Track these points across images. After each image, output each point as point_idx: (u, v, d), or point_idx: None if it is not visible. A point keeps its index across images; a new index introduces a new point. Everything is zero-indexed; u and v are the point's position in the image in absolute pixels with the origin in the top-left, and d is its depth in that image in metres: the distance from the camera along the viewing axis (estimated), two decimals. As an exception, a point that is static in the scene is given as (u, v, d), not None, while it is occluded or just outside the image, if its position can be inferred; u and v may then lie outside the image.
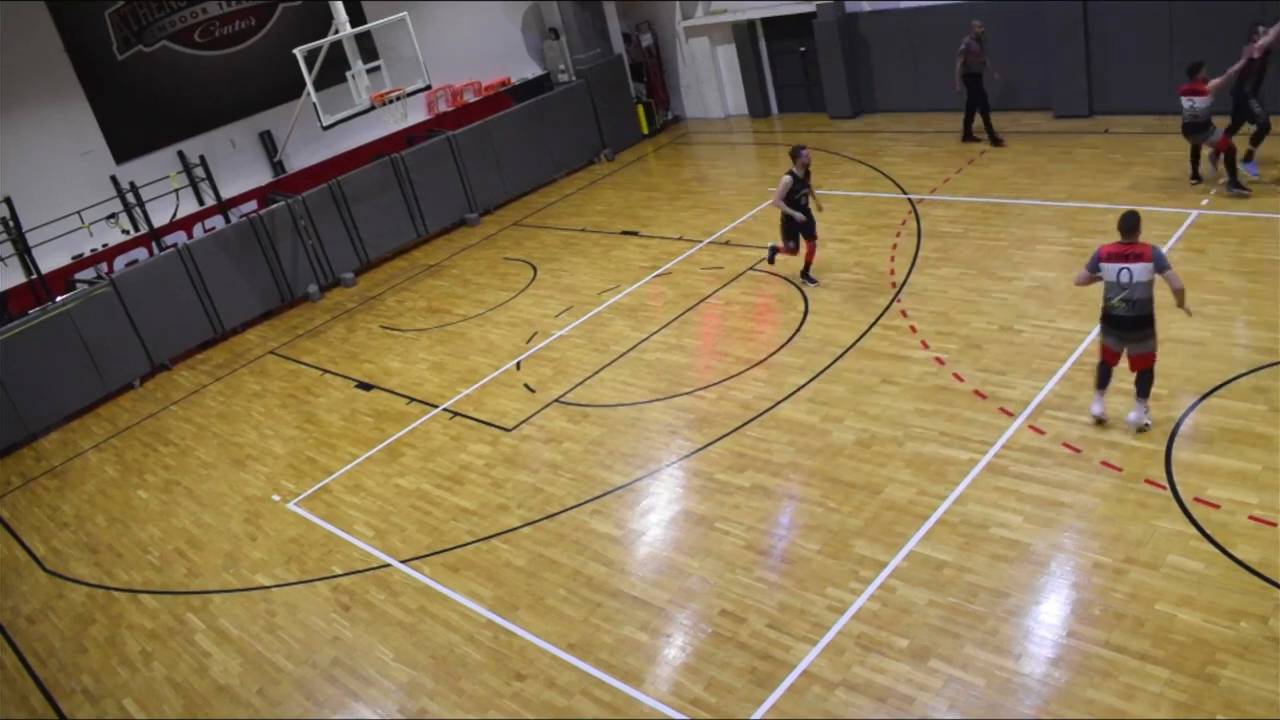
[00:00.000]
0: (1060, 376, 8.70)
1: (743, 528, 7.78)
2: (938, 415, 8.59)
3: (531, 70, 19.69)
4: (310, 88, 13.16)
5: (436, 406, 11.06)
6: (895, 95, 17.60)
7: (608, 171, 18.82)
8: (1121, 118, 14.64)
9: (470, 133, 17.37)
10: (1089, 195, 12.33)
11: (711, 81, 20.23)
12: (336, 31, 13.48)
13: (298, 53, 13.02)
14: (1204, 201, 11.38)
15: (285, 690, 7.30)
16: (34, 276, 13.58)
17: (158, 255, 14.22)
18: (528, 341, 12.12)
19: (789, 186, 11.12)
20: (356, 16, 15.13)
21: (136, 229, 14.59)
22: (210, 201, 15.39)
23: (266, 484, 10.35)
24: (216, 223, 15.35)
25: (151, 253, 14.50)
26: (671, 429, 9.45)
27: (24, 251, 13.39)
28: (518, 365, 11.56)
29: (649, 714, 6.28)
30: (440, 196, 17.03)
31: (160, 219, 14.79)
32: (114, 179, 14.33)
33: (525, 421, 10.24)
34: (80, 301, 13.13)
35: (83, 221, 13.92)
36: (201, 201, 15.36)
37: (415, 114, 17.43)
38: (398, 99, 13.99)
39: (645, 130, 20.28)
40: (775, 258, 11.97)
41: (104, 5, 14.10)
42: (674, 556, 7.68)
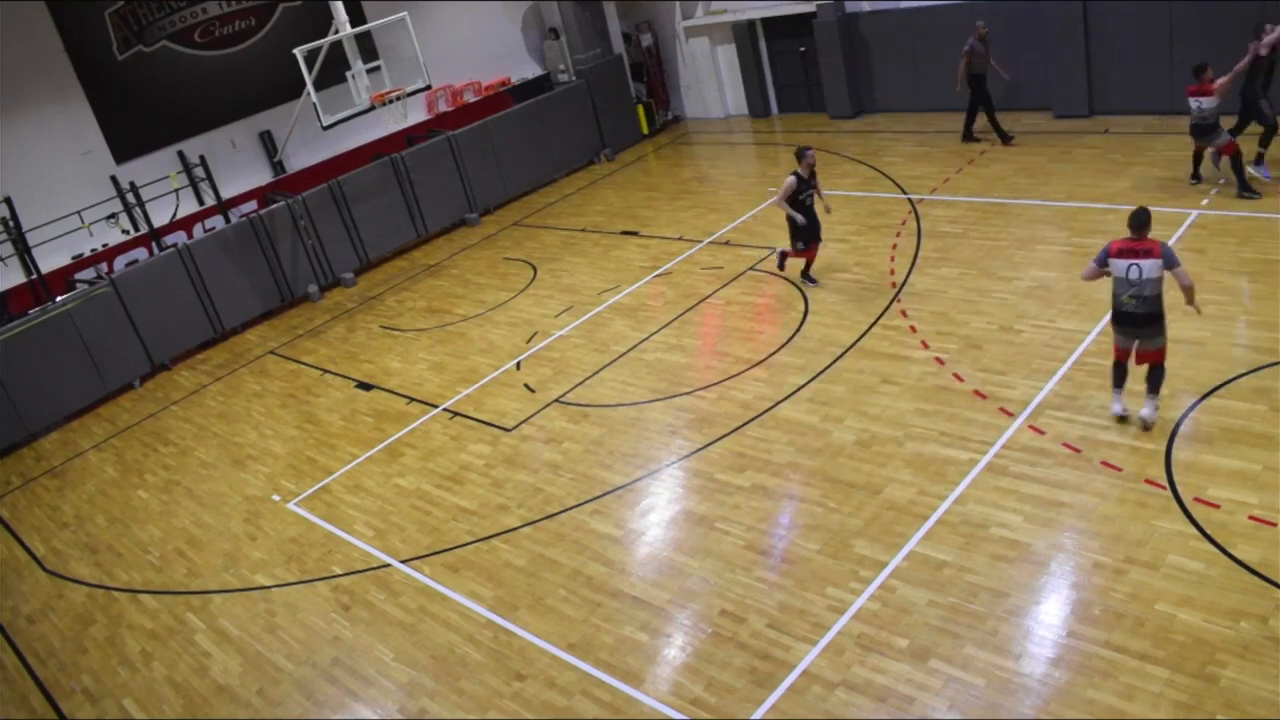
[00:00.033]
0: (1060, 376, 8.70)
1: (743, 528, 7.78)
2: (938, 415, 8.59)
3: (531, 70, 19.69)
4: (310, 88, 13.16)
5: (436, 406, 11.05)
6: (895, 95, 17.60)
7: (608, 171, 18.81)
8: (1121, 118, 14.64)
9: (470, 133, 17.37)
10: (1089, 195, 12.32)
11: (711, 81, 20.23)
12: (336, 31, 13.49)
13: (298, 53, 13.02)
14: (1204, 201, 11.37)
15: (285, 690, 7.30)
16: (34, 276, 13.58)
17: (158, 255, 14.22)
18: (528, 341, 12.12)
19: (793, 187, 11.11)
20: (356, 16, 15.13)
21: (136, 229, 14.58)
22: (210, 201, 15.39)
23: (266, 484, 10.36)
24: (216, 223, 15.35)
25: (151, 253, 14.49)
26: (671, 429, 9.45)
27: (24, 251, 13.39)
28: (518, 365, 11.56)
29: (649, 714, 6.28)
30: (440, 196, 17.03)
31: (160, 219, 14.79)
32: (114, 179, 14.33)
33: (525, 421, 10.24)
34: (80, 301, 13.13)
35: (83, 221, 13.92)
36: (201, 201, 15.36)
37: (415, 114, 17.43)
38: (398, 99, 13.99)
39: (645, 130, 20.27)
40: (785, 263, 11.92)
41: (104, 5, 14.09)
42: (674, 556, 7.68)
